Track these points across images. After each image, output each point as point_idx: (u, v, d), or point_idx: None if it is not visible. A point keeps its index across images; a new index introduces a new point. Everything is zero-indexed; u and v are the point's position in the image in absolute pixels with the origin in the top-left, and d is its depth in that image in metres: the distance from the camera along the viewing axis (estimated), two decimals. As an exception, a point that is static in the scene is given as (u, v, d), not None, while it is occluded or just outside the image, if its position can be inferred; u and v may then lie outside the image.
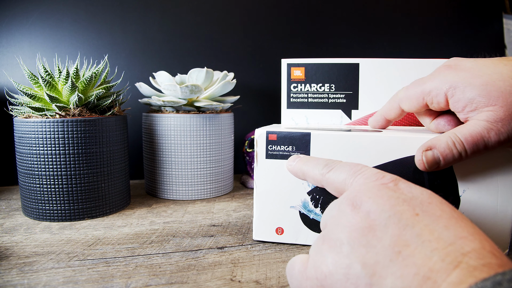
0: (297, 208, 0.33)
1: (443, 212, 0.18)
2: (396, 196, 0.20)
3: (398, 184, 0.21)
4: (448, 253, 0.16)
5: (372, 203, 0.19)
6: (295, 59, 0.43)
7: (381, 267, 0.17)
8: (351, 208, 0.20)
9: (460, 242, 0.16)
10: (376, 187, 0.21)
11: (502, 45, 0.82)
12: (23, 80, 0.58)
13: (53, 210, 0.40)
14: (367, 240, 0.18)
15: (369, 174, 0.22)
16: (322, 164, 0.27)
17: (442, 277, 0.15)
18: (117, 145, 0.44)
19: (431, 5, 0.77)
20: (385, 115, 0.34)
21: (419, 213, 0.18)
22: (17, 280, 0.27)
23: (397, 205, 0.19)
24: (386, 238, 0.18)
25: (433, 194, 0.20)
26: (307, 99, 0.43)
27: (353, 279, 0.18)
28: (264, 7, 0.68)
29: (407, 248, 0.17)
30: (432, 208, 0.19)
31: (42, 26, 0.59)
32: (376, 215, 0.19)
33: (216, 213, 0.44)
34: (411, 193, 0.20)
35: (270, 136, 0.33)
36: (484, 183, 0.29)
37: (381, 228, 0.18)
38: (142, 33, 0.63)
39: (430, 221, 0.18)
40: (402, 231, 0.17)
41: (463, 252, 0.16)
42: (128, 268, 0.29)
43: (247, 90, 0.67)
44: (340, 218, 0.20)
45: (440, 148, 0.27)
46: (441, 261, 0.16)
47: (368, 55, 0.71)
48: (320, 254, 0.20)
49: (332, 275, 0.18)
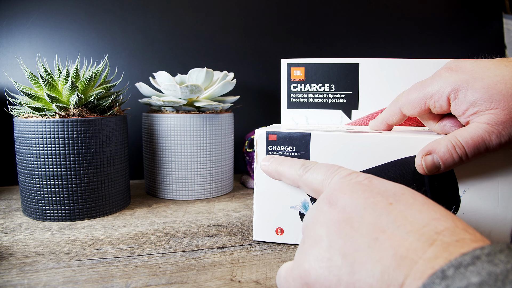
0: (297, 208, 0.33)
1: (416, 200, 0.19)
2: (370, 189, 0.20)
3: (371, 181, 0.21)
4: (423, 233, 0.17)
5: (348, 198, 0.20)
6: (295, 59, 0.43)
7: (361, 254, 0.17)
8: (328, 205, 0.21)
9: (434, 223, 0.17)
10: (351, 184, 0.21)
11: (502, 45, 0.82)
12: (23, 80, 0.58)
13: (53, 210, 0.40)
14: (344, 232, 0.19)
15: (344, 173, 0.23)
16: (299, 164, 0.27)
17: (418, 254, 0.16)
18: (117, 145, 0.44)
19: (431, 5, 0.77)
20: (386, 120, 0.34)
21: (392, 203, 0.19)
22: (17, 280, 0.27)
23: (371, 197, 0.20)
24: (363, 227, 0.18)
25: (405, 187, 0.21)
26: (307, 99, 0.43)
27: (335, 271, 0.18)
28: (264, 7, 0.68)
29: (384, 234, 0.17)
30: (405, 198, 0.19)
31: (42, 26, 0.59)
32: (352, 208, 0.20)
33: (216, 213, 0.44)
34: (384, 186, 0.21)
35: (270, 136, 0.33)
36: (484, 183, 0.29)
37: (358, 219, 0.19)
38: (142, 33, 0.63)
39: (404, 208, 0.18)
40: (378, 219, 0.18)
41: (437, 231, 0.16)
42: (128, 268, 0.29)
43: (247, 90, 0.67)
44: (318, 216, 0.21)
45: (439, 152, 0.27)
46: (417, 240, 0.16)
47: (368, 55, 0.71)
48: (302, 253, 0.21)
49: (315, 270, 0.19)
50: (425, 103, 0.29)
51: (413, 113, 0.31)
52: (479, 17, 0.80)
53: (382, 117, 0.34)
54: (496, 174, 0.29)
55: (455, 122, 0.30)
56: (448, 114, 0.31)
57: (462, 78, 0.27)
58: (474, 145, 0.26)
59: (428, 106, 0.29)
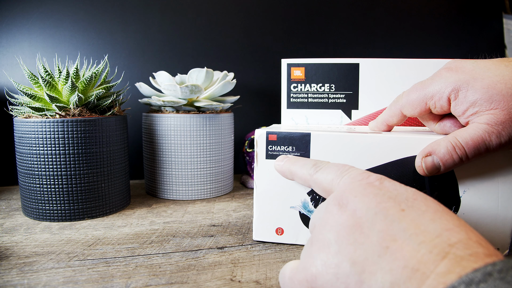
0: (297, 208, 0.33)
1: (428, 207, 0.19)
2: (382, 193, 0.20)
3: (383, 182, 0.21)
4: (435, 245, 0.16)
5: (358, 201, 0.20)
6: (295, 59, 0.43)
7: (370, 263, 0.17)
8: (338, 208, 0.20)
9: (447, 234, 0.16)
10: (362, 186, 0.21)
11: (502, 45, 0.82)
12: (23, 80, 0.58)
13: (53, 210, 0.40)
14: (354, 238, 0.18)
15: (355, 174, 0.23)
16: (310, 164, 0.27)
17: (430, 268, 0.15)
18: (117, 145, 0.44)
19: (431, 5, 0.77)
20: (386, 121, 0.33)
21: (404, 209, 0.18)
22: (17, 280, 0.27)
23: (383, 202, 0.19)
24: (373, 234, 0.18)
25: (417, 191, 0.20)
26: (307, 99, 0.43)
27: (343, 278, 0.18)
28: (264, 7, 0.68)
29: (395, 243, 0.17)
30: (417, 204, 0.19)
31: (42, 26, 0.59)
32: (362, 212, 0.19)
33: (216, 213, 0.44)
34: (396, 190, 0.20)
35: (270, 136, 0.33)
36: (484, 183, 0.29)
37: (368, 225, 0.18)
38: (142, 33, 0.63)
39: (416, 216, 0.18)
40: (389, 227, 0.18)
41: (450, 243, 0.16)
42: (128, 268, 0.29)
43: (247, 90, 0.67)
44: (327, 218, 0.20)
45: (439, 153, 0.27)
46: (429, 252, 0.16)
47: (368, 55, 0.71)
48: (309, 256, 0.20)
49: (322, 275, 0.19)
50: (425, 104, 0.29)
51: (414, 114, 0.30)
52: (479, 17, 0.80)
53: (382, 118, 0.34)
54: (496, 174, 0.29)
55: (455, 122, 0.30)
56: (448, 114, 0.31)
57: (463, 78, 0.27)
58: (474, 146, 0.26)
59: (429, 106, 0.29)
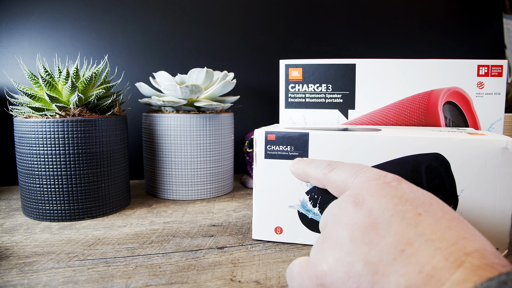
0: (296, 207, 0.33)
1: (445, 213, 0.18)
2: (399, 195, 0.19)
3: (400, 183, 0.21)
4: (451, 253, 0.16)
5: (375, 201, 0.19)
6: (293, 60, 0.43)
7: (384, 265, 0.17)
8: (353, 206, 0.20)
9: (463, 242, 0.16)
10: (379, 186, 0.20)
11: (502, 45, 0.82)
12: (23, 80, 0.58)
13: (53, 210, 0.40)
14: (369, 238, 0.18)
15: (372, 173, 0.22)
16: (325, 164, 0.27)
17: (446, 275, 0.15)
18: (117, 145, 0.44)
19: (431, 5, 0.77)
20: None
21: (421, 213, 0.18)
22: (17, 280, 0.27)
23: (400, 204, 0.19)
24: (389, 236, 0.18)
25: (433, 196, 0.20)
26: (304, 99, 0.43)
27: (355, 277, 0.17)
28: (264, 7, 0.68)
29: (411, 247, 0.17)
30: (434, 209, 0.19)
31: (42, 26, 0.59)
32: (379, 213, 0.19)
33: (216, 213, 0.44)
34: (413, 193, 0.20)
35: (269, 136, 0.33)
36: (482, 182, 0.30)
37: (384, 226, 0.18)
38: (142, 33, 0.63)
39: (433, 221, 0.18)
40: (405, 230, 0.17)
41: (466, 252, 0.16)
42: (128, 268, 0.29)
43: (247, 90, 0.68)
44: (341, 216, 0.20)
45: None
46: (445, 260, 0.16)
47: (367, 55, 0.71)
48: (321, 252, 0.20)
49: (333, 273, 0.18)
50: None
51: None
52: (479, 17, 0.80)
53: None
54: (494, 173, 0.29)
55: None
56: None
57: None
58: None
59: None
